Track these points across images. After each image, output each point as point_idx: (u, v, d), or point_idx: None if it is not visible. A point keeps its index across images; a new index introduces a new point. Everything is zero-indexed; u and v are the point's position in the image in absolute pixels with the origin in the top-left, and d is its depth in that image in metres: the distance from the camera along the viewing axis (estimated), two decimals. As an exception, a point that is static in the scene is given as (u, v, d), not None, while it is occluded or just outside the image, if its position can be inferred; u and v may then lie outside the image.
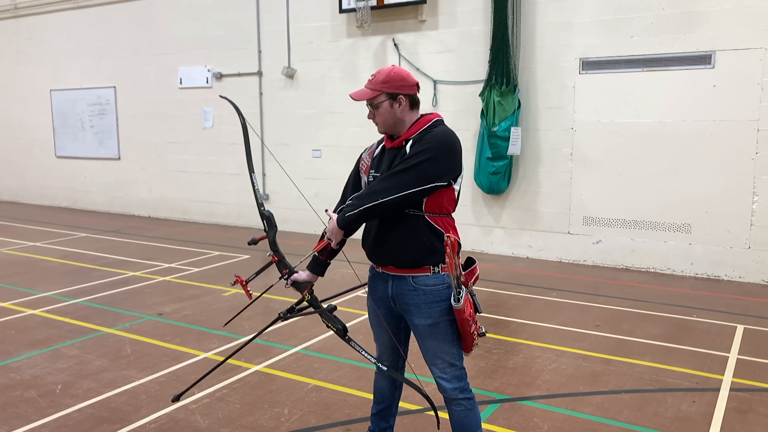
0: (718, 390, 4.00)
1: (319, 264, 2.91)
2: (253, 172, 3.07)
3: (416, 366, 4.04)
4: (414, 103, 2.67)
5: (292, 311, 2.94)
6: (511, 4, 7.47)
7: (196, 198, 10.68)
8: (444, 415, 2.92)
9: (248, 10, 9.59)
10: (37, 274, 7.05)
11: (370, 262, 2.83)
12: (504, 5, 7.49)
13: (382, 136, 2.77)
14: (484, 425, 3.30)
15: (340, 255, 2.94)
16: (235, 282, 3.01)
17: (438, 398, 3.14)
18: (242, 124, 3.06)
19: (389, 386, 3.02)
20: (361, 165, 2.84)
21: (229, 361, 4.43)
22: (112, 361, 4.47)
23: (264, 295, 3.36)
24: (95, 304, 5.88)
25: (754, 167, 6.56)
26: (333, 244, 2.71)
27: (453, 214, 2.70)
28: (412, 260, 2.62)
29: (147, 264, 7.51)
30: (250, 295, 2.99)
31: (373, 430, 3.11)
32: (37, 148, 12.77)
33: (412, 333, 2.84)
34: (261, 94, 9.70)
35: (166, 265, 7.44)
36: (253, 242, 2.89)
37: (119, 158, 11.57)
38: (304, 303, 2.92)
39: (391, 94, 2.62)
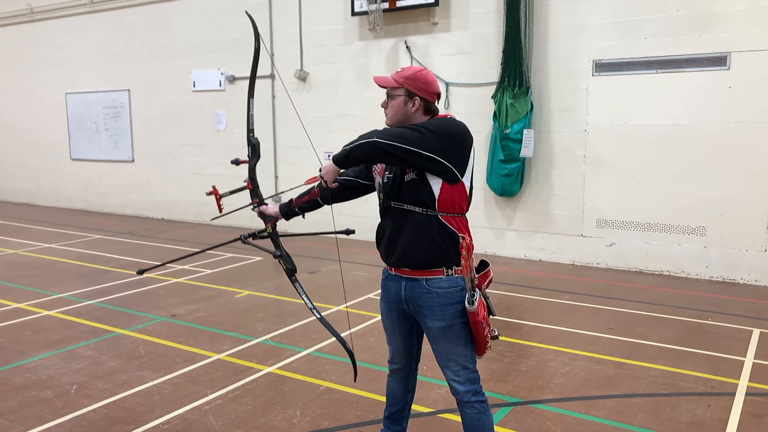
0: (734, 394, 3.96)
1: (291, 209, 3.03)
2: (252, 98, 3.17)
3: (429, 368, 4.05)
4: (428, 111, 2.68)
5: (254, 237, 3.08)
6: (524, 6, 7.45)
7: (210, 200, 10.63)
8: (456, 417, 2.92)
9: (261, 13, 9.64)
10: (53, 276, 7.12)
11: (384, 264, 2.83)
12: (516, 7, 7.47)
13: None
14: (496, 428, 3.29)
15: (353, 257, 2.94)
16: (210, 193, 3.14)
17: (450, 401, 3.14)
18: (255, 48, 3.12)
19: (402, 389, 3.02)
20: (375, 165, 2.85)
21: (242, 362, 4.47)
22: (127, 362, 4.51)
23: (277, 296, 3.37)
24: (110, 305, 5.93)
25: (770, 169, 6.49)
26: (327, 184, 2.67)
27: (466, 215, 2.70)
28: (425, 261, 2.62)
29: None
30: (220, 209, 3.09)
31: (386, 433, 3.11)
32: (53, 150, 12.90)
33: (425, 335, 2.84)
34: (273, 96, 9.74)
35: (180, 267, 7.49)
36: (236, 162, 3.09)
37: (133, 161, 11.66)
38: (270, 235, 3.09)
39: (410, 92, 2.64)
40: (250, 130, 3.12)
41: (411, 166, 2.54)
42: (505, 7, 7.57)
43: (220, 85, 10.27)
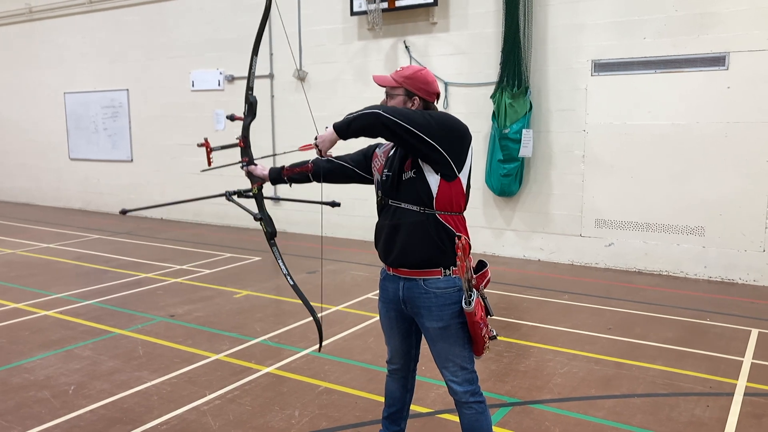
0: (732, 394, 3.96)
1: (280, 176, 3.02)
2: (256, 55, 3.17)
3: (428, 369, 4.04)
4: (427, 110, 2.68)
5: (238, 195, 3.09)
6: (523, 5, 7.45)
7: (208, 200, 10.71)
8: (455, 418, 2.92)
9: (260, 13, 9.59)
10: (51, 276, 7.11)
11: (382, 264, 2.83)
12: (515, 7, 7.47)
13: None
14: (495, 429, 3.29)
15: (351, 257, 2.95)
16: (201, 144, 3.14)
17: (449, 401, 3.14)
18: (267, 5, 3.20)
19: (400, 389, 3.01)
20: (374, 162, 2.85)
21: (241, 362, 4.46)
22: (125, 362, 4.50)
23: (276, 296, 3.37)
24: (108, 305, 5.93)
25: (769, 169, 6.50)
26: (321, 153, 2.66)
27: (464, 214, 2.70)
28: (423, 260, 2.62)
29: (159, 266, 7.55)
30: (209, 162, 3.10)
31: (384, 433, 3.10)
32: (51, 150, 12.89)
33: (423, 335, 2.84)
34: (273, 96, 9.74)
35: (178, 267, 7.48)
36: (230, 118, 3.10)
37: (132, 160, 11.65)
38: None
39: (410, 92, 2.64)
40: (249, 88, 3.13)
41: (408, 147, 2.54)
42: (504, 7, 7.57)
43: (218, 84, 10.27)
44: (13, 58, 13.19)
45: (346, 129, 2.55)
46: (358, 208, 9.01)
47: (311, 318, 3.08)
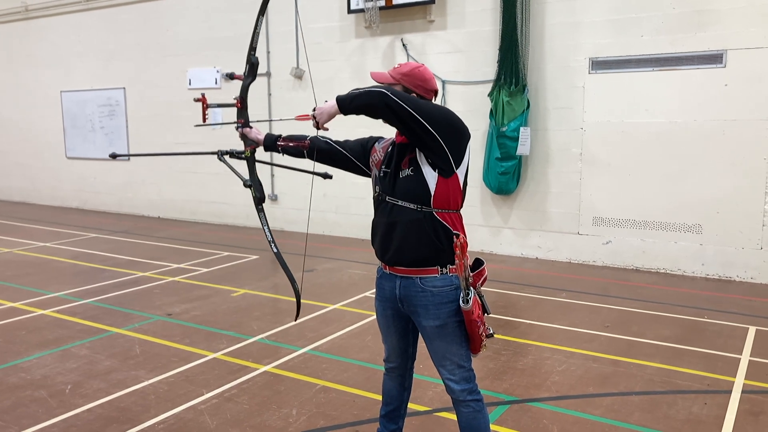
0: (730, 392, 3.96)
1: (275, 145, 3.00)
2: (263, 15, 3.17)
3: (425, 367, 4.04)
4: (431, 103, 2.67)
5: (231, 155, 3.09)
6: (520, 4, 7.43)
7: (205, 199, 10.71)
8: (452, 416, 2.91)
9: (256, 11, 9.59)
10: (48, 275, 7.09)
11: (379, 262, 2.82)
12: (513, 5, 7.45)
13: (395, 132, 2.76)
14: (492, 427, 3.29)
15: (349, 255, 2.95)
16: (198, 99, 3.14)
17: (447, 400, 3.14)
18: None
19: (398, 388, 3.01)
20: (372, 157, 2.84)
21: (238, 361, 4.46)
22: (122, 361, 4.49)
23: (273, 295, 3.36)
24: (105, 304, 5.91)
25: (767, 167, 6.49)
26: (318, 125, 2.64)
27: (461, 212, 2.69)
28: (419, 259, 2.61)
29: (156, 264, 7.54)
30: (204, 119, 3.08)
31: (382, 432, 3.10)
32: (48, 149, 12.85)
33: (420, 334, 2.83)
34: (270, 95, 9.71)
35: (175, 266, 7.46)
36: (230, 76, 3.08)
37: (129, 159, 11.62)
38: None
39: (407, 88, 2.63)
40: (252, 48, 3.13)
41: (409, 133, 2.51)
42: (501, 5, 7.56)
43: (215, 83, 10.24)
44: (9, 57, 13.15)
45: (348, 103, 2.52)
46: (354, 206, 9.01)
47: (309, 317, 3.06)
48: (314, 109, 2.64)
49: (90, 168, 12.26)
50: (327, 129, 2.74)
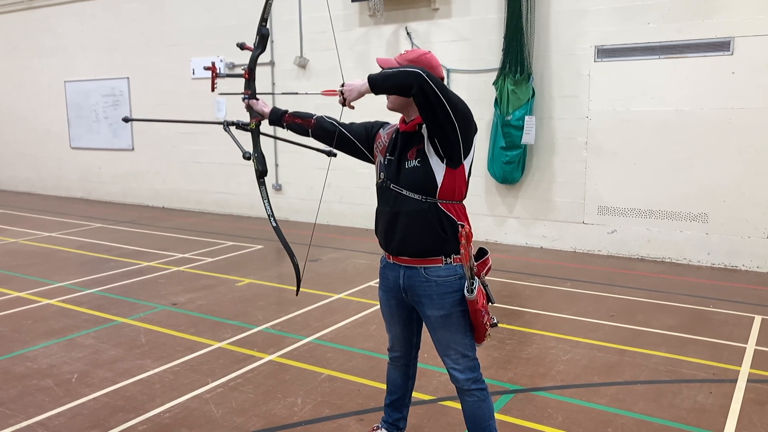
0: (736, 381, 3.95)
1: (280, 119, 3.00)
2: None
3: (430, 356, 4.04)
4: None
5: (236, 126, 3.12)
6: (525, -9, 7.38)
7: (210, 189, 10.71)
8: (457, 405, 2.91)
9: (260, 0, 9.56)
10: (53, 265, 7.11)
11: (382, 251, 2.81)
12: (518, -8, 7.39)
13: (399, 119, 2.74)
14: (497, 416, 3.29)
15: (353, 245, 2.94)
16: (207, 68, 3.16)
17: (451, 389, 3.14)
18: None
19: (402, 377, 3.01)
20: (377, 143, 2.81)
21: (243, 350, 4.47)
22: (127, 350, 4.50)
23: (278, 284, 3.36)
24: (110, 294, 5.93)
25: (773, 156, 6.45)
26: (345, 103, 2.58)
27: (465, 202, 2.67)
28: (424, 250, 2.59)
29: (161, 254, 7.55)
30: (213, 88, 3.15)
31: (387, 421, 3.10)
32: (52, 139, 12.86)
33: (424, 323, 2.83)
34: (273, 84, 9.68)
35: (180, 256, 7.48)
36: (240, 46, 3.14)
37: (133, 149, 11.62)
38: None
39: None
40: (263, 19, 3.14)
41: (432, 119, 2.47)
42: (506, -7, 7.50)
43: (219, 72, 10.19)
44: (12, 47, 13.13)
45: (381, 83, 2.47)
46: (359, 196, 8.99)
47: (314, 306, 3.06)
48: (342, 85, 2.61)
49: (94, 158, 12.27)
50: (353, 108, 2.68)
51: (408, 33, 8.40)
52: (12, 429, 3.40)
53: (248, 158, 2.99)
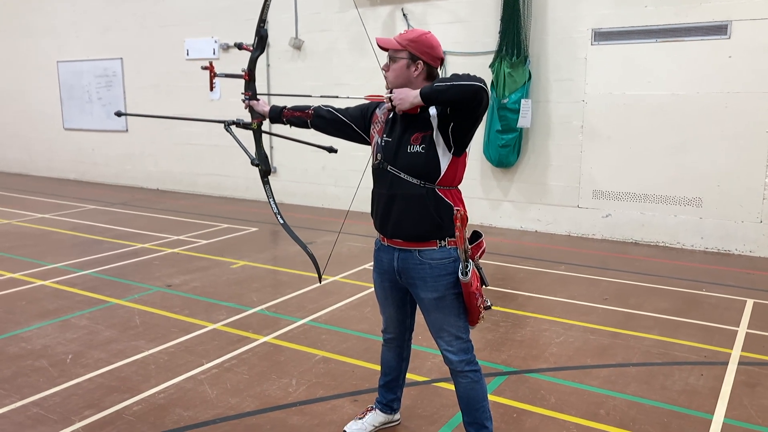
0: (727, 364, 3.99)
1: (280, 116, 3.02)
2: None
3: (424, 338, 4.06)
4: (430, 76, 2.61)
5: (237, 125, 3.13)
6: (523, -28, 7.32)
7: (204, 171, 10.67)
8: (450, 386, 2.93)
9: (255, -21, 9.45)
10: (47, 246, 7.09)
11: (376, 233, 2.81)
12: (515, -26, 7.33)
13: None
14: (490, 397, 3.31)
15: (348, 228, 2.95)
16: (205, 67, 3.16)
17: (445, 370, 3.15)
18: None
19: (396, 358, 3.03)
20: (374, 125, 2.78)
21: (238, 332, 4.48)
22: (122, 331, 4.51)
23: (273, 266, 3.36)
24: (104, 275, 5.92)
25: (768, 140, 6.46)
26: (395, 107, 2.53)
27: (460, 186, 2.67)
28: (419, 234, 2.60)
29: (155, 236, 7.53)
30: (212, 87, 3.16)
31: (381, 401, 3.13)
32: (45, 120, 12.75)
33: (417, 305, 2.84)
34: (268, 65, 9.60)
35: (175, 238, 7.46)
36: (238, 46, 3.14)
37: (127, 131, 11.54)
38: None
39: (414, 55, 2.56)
40: (262, 20, 3.12)
41: (469, 122, 2.48)
42: (503, -26, 7.43)
43: (213, 53, 10.11)
44: (4, 27, 12.96)
45: (435, 97, 2.42)
46: (353, 179, 8.96)
47: (309, 288, 3.07)
48: (392, 91, 2.57)
49: (88, 139, 12.18)
50: (400, 112, 2.60)
51: (404, 14, 8.33)
52: (7, 409, 3.41)
53: (257, 165, 3.02)
